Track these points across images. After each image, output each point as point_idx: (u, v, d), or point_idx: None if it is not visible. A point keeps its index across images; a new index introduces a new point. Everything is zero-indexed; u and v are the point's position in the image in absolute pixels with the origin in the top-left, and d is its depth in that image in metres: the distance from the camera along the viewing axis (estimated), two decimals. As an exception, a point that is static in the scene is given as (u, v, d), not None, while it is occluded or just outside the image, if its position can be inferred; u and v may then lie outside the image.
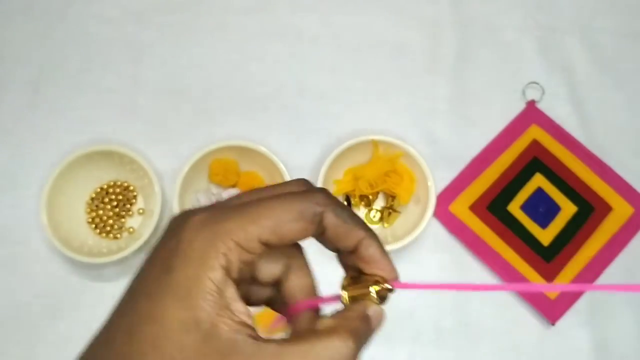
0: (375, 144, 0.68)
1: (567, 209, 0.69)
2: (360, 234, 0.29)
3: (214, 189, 0.68)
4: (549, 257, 0.68)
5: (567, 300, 0.66)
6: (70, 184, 0.67)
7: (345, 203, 0.70)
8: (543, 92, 0.73)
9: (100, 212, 0.69)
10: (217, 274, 0.26)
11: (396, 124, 0.72)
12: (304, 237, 0.29)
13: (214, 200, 0.67)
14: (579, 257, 0.68)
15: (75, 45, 0.75)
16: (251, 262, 0.28)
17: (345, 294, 0.30)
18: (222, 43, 0.75)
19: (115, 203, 0.69)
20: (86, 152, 0.66)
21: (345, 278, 0.31)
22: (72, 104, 0.73)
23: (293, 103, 0.73)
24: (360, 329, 0.29)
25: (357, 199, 0.69)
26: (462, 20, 0.76)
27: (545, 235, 0.68)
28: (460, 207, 0.69)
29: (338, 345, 0.27)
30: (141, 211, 0.69)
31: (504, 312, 0.67)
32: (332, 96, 0.74)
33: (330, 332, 0.28)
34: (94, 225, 0.68)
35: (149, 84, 0.74)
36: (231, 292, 0.27)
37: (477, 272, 0.68)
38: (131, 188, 0.70)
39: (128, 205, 0.69)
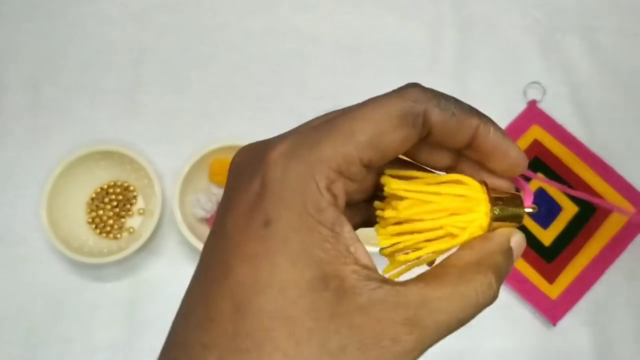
0: (376, 144, 0.67)
1: (569, 209, 0.69)
2: (474, 122, 0.24)
3: (215, 189, 0.68)
4: (550, 258, 0.68)
5: (569, 300, 0.66)
6: (71, 184, 0.66)
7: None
8: (544, 92, 0.73)
9: (101, 212, 0.68)
10: (328, 215, 0.21)
11: (397, 124, 0.72)
12: (407, 147, 0.24)
13: (214, 200, 0.67)
14: (581, 257, 0.67)
15: (75, 45, 0.75)
16: (362, 190, 0.25)
17: (490, 213, 0.25)
18: (223, 43, 0.75)
19: (115, 203, 0.69)
20: (86, 152, 0.66)
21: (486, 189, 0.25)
22: (72, 103, 0.73)
23: (294, 103, 0.73)
24: (502, 266, 0.24)
25: (357, 199, 0.69)
26: (463, 20, 0.76)
27: (547, 236, 0.68)
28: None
29: (483, 285, 0.23)
30: (141, 211, 0.69)
31: (505, 312, 0.67)
32: (333, 96, 0.74)
33: (471, 269, 0.23)
34: (94, 226, 0.68)
35: (149, 83, 0.73)
36: (348, 232, 0.22)
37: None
38: (131, 188, 0.70)
39: (128, 206, 0.69)
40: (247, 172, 0.23)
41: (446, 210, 0.24)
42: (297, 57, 0.75)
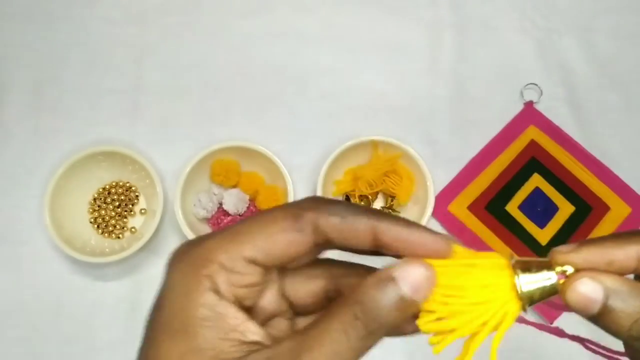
0: (374, 144, 0.68)
1: (565, 208, 0.70)
2: (369, 223, 0.25)
3: (216, 189, 0.68)
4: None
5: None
6: (73, 185, 0.67)
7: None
8: (541, 93, 0.74)
9: (103, 212, 0.69)
10: (208, 298, 0.24)
11: (395, 124, 0.73)
12: (301, 251, 0.25)
13: (215, 200, 0.68)
14: (577, 256, 0.68)
15: (77, 46, 0.75)
16: (255, 285, 0.26)
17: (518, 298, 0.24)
18: (223, 44, 0.76)
19: (117, 203, 0.69)
20: (88, 152, 0.67)
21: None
22: (74, 105, 0.73)
23: (294, 104, 0.74)
24: (374, 299, 0.23)
25: (356, 199, 0.70)
26: (461, 22, 0.77)
27: (543, 235, 0.69)
28: (459, 207, 0.70)
29: (344, 320, 0.23)
30: (143, 211, 0.70)
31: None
32: (332, 97, 0.74)
33: (337, 305, 0.23)
34: (96, 225, 0.69)
35: (150, 85, 0.74)
36: (234, 313, 0.24)
37: (476, 271, 0.68)
38: (133, 188, 0.70)
39: (130, 206, 0.70)
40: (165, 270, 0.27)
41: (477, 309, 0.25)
42: (297, 58, 0.76)
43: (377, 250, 0.25)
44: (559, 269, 0.25)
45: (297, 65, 0.75)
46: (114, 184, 0.70)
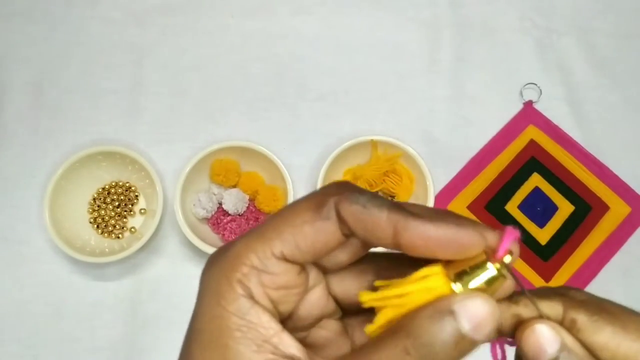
0: (374, 144, 0.68)
1: (565, 208, 0.70)
2: (391, 217, 0.22)
3: (215, 189, 0.69)
4: (546, 256, 0.68)
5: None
6: (73, 185, 0.67)
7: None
8: (540, 93, 0.74)
9: (102, 212, 0.69)
10: (239, 306, 0.23)
11: (395, 124, 0.73)
12: (331, 241, 0.24)
13: (214, 200, 0.68)
14: (576, 256, 0.68)
15: (77, 46, 0.75)
16: (292, 287, 0.24)
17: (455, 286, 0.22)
18: (223, 44, 0.76)
19: (117, 203, 0.69)
20: (88, 152, 0.67)
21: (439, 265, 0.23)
22: (74, 105, 0.73)
23: (293, 104, 0.74)
24: (428, 331, 0.21)
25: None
26: (460, 22, 0.77)
27: (543, 235, 0.69)
28: (459, 207, 0.70)
29: (393, 352, 0.21)
30: (143, 211, 0.70)
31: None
32: (331, 97, 0.74)
33: (386, 337, 0.22)
34: (96, 225, 0.69)
35: (150, 85, 0.74)
36: (267, 323, 0.23)
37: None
38: (133, 188, 0.70)
39: (130, 205, 0.70)
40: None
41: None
42: (296, 58, 0.76)
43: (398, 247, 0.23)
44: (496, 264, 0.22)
45: (297, 65, 0.75)
46: (113, 184, 0.70)
